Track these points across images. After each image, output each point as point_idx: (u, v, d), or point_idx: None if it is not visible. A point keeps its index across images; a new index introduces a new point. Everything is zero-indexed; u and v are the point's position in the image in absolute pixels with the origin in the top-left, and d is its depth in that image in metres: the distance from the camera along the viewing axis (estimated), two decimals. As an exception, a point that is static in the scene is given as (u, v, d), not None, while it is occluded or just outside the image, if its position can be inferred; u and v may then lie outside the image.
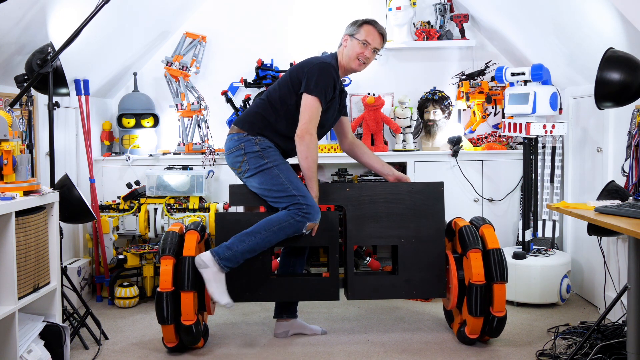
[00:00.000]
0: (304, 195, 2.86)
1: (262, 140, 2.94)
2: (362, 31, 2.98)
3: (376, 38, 2.99)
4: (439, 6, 4.37)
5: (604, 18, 2.91)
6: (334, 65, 2.95)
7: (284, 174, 2.88)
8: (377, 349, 3.01)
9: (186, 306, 2.82)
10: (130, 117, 4.23)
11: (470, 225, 3.05)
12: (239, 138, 2.96)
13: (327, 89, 2.88)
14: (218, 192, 4.11)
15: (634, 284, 2.39)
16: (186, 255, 2.87)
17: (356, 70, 3.04)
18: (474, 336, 2.98)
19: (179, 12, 4.30)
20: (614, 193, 2.76)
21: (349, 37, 3.00)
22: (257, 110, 3.01)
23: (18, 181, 2.57)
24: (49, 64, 2.90)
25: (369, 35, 2.97)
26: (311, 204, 2.86)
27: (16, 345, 2.44)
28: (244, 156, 2.92)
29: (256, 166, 2.90)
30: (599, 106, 2.68)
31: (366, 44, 2.96)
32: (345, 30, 3.05)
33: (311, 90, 2.85)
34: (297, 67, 2.99)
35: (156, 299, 2.84)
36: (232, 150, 2.97)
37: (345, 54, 3.00)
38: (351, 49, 2.98)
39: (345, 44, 3.01)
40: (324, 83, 2.87)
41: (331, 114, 3.05)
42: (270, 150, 2.93)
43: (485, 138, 4.34)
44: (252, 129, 2.96)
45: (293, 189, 2.86)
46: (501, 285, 2.90)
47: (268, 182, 2.89)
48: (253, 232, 2.84)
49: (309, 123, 2.86)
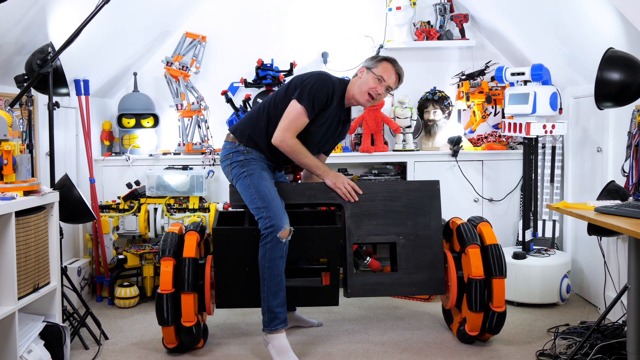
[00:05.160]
0: (267, 206, 2.83)
1: (250, 152, 2.96)
2: (379, 67, 2.95)
3: (392, 76, 2.97)
4: (439, 6, 4.37)
5: (604, 18, 2.91)
6: (333, 82, 2.94)
7: (254, 184, 2.88)
8: (377, 349, 3.01)
9: (186, 308, 2.82)
10: (130, 117, 4.23)
11: (467, 223, 3.09)
12: (230, 148, 3.01)
13: (316, 100, 2.86)
14: (218, 192, 4.11)
15: (634, 284, 2.39)
16: (186, 257, 2.87)
17: (362, 105, 3.02)
18: (474, 333, 2.99)
19: (179, 12, 4.30)
20: (614, 193, 2.76)
21: (366, 69, 2.98)
22: (252, 115, 3.04)
23: (18, 181, 2.57)
24: (49, 64, 2.90)
25: (385, 72, 2.95)
26: (273, 215, 2.81)
27: (16, 345, 2.44)
28: (230, 165, 2.98)
29: (236, 175, 2.95)
30: (599, 106, 2.68)
31: (381, 81, 2.94)
32: (364, 62, 3.03)
33: (300, 98, 2.86)
34: (297, 76, 2.99)
35: (156, 301, 2.84)
36: (222, 159, 3.04)
37: (357, 85, 2.97)
38: (365, 82, 2.95)
39: (361, 75, 2.99)
40: (315, 93, 2.85)
41: (325, 133, 3.01)
42: (252, 162, 2.95)
43: (485, 138, 4.34)
44: (242, 136, 2.99)
45: (258, 199, 2.85)
46: (500, 280, 2.91)
47: (242, 192, 2.93)
48: (262, 284, 2.85)
49: (285, 130, 2.86)
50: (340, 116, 3.05)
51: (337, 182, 2.98)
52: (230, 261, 2.96)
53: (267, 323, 2.85)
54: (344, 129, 3.15)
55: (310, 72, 3.00)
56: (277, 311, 2.84)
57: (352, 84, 3.01)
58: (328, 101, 2.91)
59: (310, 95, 2.85)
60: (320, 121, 2.95)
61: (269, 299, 2.84)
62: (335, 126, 3.05)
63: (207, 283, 2.96)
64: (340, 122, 3.08)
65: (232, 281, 2.98)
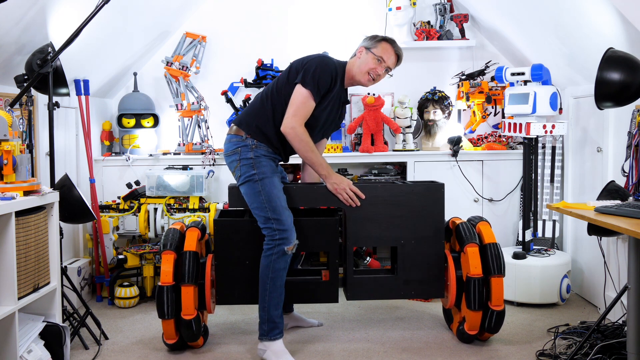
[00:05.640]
0: (278, 219, 2.79)
1: (258, 146, 2.88)
2: (379, 47, 2.90)
3: (392, 57, 2.92)
4: (439, 6, 4.37)
5: (604, 18, 2.91)
6: (335, 64, 2.89)
7: (265, 191, 2.81)
8: (377, 349, 3.01)
9: (186, 300, 2.84)
10: (130, 117, 4.23)
11: (466, 222, 3.09)
12: (237, 141, 2.91)
13: (321, 83, 2.81)
14: (218, 192, 4.11)
15: (634, 284, 2.39)
16: (187, 250, 2.89)
17: (363, 85, 2.96)
18: (473, 332, 2.99)
19: (179, 12, 4.30)
20: (614, 193, 2.76)
21: (365, 49, 2.92)
22: (255, 105, 2.97)
23: (18, 181, 2.57)
24: (49, 64, 2.90)
25: (385, 53, 2.90)
26: (283, 228, 2.79)
27: (16, 345, 2.44)
28: (239, 162, 2.88)
29: (246, 175, 2.86)
30: (599, 106, 2.68)
31: (380, 61, 2.89)
32: (362, 42, 2.97)
33: (305, 82, 2.79)
34: (297, 61, 2.92)
35: (157, 293, 2.86)
36: (228, 154, 2.94)
37: (356, 65, 2.92)
38: (364, 62, 2.90)
39: (359, 56, 2.93)
40: (319, 76, 2.80)
41: (328, 115, 2.97)
42: (262, 160, 2.87)
43: (485, 138, 4.34)
44: (248, 127, 2.90)
45: (269, 210, 2.80)
46: (499, 278, 2.91)
47: (250, 195, 2.85)
48: (263, 293, 2.83)
49: (293, 117, 2.79)
50: (341, 97, 3.00)
51: (339, 187, 2.92)
52: (231, 254, 2.97)
53: (266, 332, 2.84)
54: (343, 109, 3.10)
55: (310, 55, 2.93)
56: (277, 321, 2.85)
57: (351, 64, 2.94)
58: (332, 83, 2.85)
59: (315, 78, 2.79)
60: (324, 104, 2.89)
61: (270, 309, 2.83)
62: (337, 108, 3.01)
63: (208, 282, 2.97)
64: (341, 103, 3.03)
65: (232, 275, 2.97)
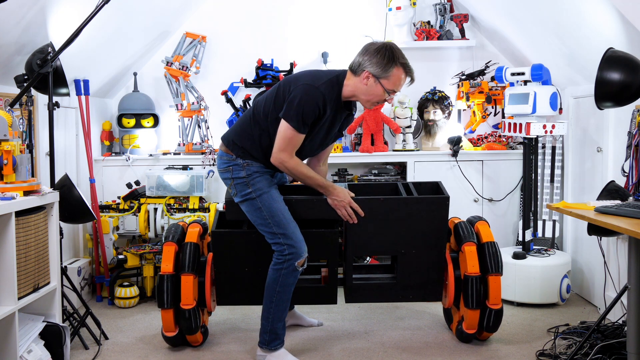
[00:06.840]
0: (285, 233, 2.74)
1: (250, 165, 2.79)
2: (390, 77, 2.61)
3: (403, 83, 2.68)
4: (439, 6, 4.37)
5: (604, 18, 2.91)
6: (322, 91, 2.63)
7: (266, 206, 2.75)
8: (377, 349, 3.01)
9: (186, 289, 2.86)
10: (130, 117, 4.23)
11: (464, 222, 3.10)
12: (228, 160, 2.83)
13: (306, 115, 2.62)
14: (218, 192, 4.11)
15: (634, 284, 2.39)
16: (188, 242, 2.93)
17: (364, 107, 2.83)
18: (471, 331, 2.99)
19: (179, 12, 4.30)
20: (614, 193, 2.76)
21: (373, 78, 2.62)
22: (242, 126, 2.85)
23: (18, 181, 2.57)
24: (49, 64, 2.90)
25: (397, 84, 2.63)
26: (292, 242, 2.74)
27: (16, 345, 2.44)
28: (232, 180, 2.83)
29: (242, 194, 2.80)
30: (599, 106, 2.68)
31: (390, 94, 2.67)
32: (369, 62, 2.62)
33: (289, 117, 2.63)
34: (285, 82, 2.73)
35: (157, 282, 2.90)
36: (221, 171, 2.88)
37: (362, 92, 2.67)
38: (372, 93, 2.66)
39: (366, 82, 2.64)
40: (303, 109, 2.61)
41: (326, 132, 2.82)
42: (256, 177, 2.79)
43: (485, 138, 4.34)
44: (236, 149, 2.81)
45: (273, 225, 2.74)
46: (496, 277, 2.91)
47: (252, 213, 2.80)
48: (268, 305, 2.81)
49: (282, 152, 2.68)
50: (339, 115, 2.80)
51: (338, 203, 2.85)
52: (229, 263, 2.98)
53: (267, 342, 2.83)
54: (347, 121, 2.91)
55: (298, 78, 2.71)
56: (280, 332, 2.85)
57: (353, 86, 2.68)
58: (320, 112, 2.66)
59: (299, 112, 2.61)
60: (316, 129, 2.74)
61: (274, 321, 2.82)
62: (335, 125, 2.85)
63: (208, 281, 2.98)
64: (342, 118, 2.84)
65: (232, 281, 3.00)
